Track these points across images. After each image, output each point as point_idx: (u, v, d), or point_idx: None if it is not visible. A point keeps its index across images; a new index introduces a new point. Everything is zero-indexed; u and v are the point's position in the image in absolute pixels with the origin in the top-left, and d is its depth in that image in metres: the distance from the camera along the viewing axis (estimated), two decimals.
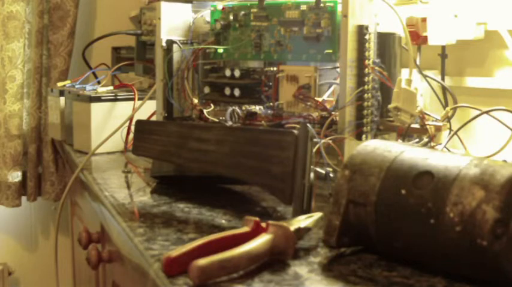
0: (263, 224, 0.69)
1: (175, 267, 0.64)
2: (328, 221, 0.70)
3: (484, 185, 0.60)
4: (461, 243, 0.59)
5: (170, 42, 1.19)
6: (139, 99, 1.36)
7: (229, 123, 1.12)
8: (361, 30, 0.99)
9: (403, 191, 0.64)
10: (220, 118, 1.15)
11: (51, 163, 2.07)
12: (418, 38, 1.17)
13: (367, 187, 0.67)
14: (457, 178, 0.61)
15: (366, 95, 1.00)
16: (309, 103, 1.06)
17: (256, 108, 1.16)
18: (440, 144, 1.06)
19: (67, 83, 1.66)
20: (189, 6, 1.24)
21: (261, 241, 0.66)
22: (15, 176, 2.07)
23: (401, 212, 0.64)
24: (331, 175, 0.98)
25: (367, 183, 0.67)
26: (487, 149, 1.04)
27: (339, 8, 1.02)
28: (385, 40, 1.11)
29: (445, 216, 0.60)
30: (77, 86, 1.56)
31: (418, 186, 0.64)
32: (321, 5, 1.05)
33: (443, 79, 1.24)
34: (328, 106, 1.07)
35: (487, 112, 1.04)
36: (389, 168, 0.67)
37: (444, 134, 1.07)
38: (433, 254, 0.62)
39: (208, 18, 1.21)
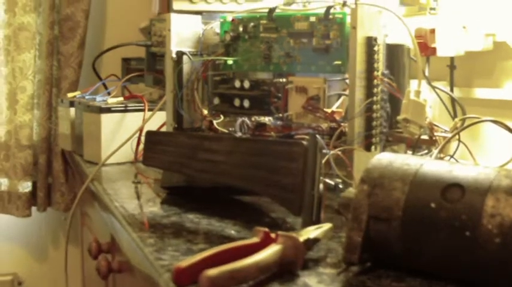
0: (272, 235, 0.69)
1: (185, 277, 0.64)
2: (348, 238, 0.68)
3: None
4: (502, 254, 0.59)
5: (180, 54, 1.19)
6: (149, 110, 1.36)
7: (239, 134, 1.13)
8: (370, 42, 1.00)
9: (433, 205, 0.63)
10: (230, 129, 1.16)
11: (61, 173, 2.08)
12: (426, 49, 1.17)
13: (390, 202, 0.66)
14: (490, 189, 0.61)
15: (374, 107, 1.00)
16: (318, 114, 1.07)
17: (266, 119, 1.16)
18: (450, 155, 1.06)
19: (77, 93, 1.67)
20: (198, 17, 1.24)
21: (270, 252, 0.66)
22: (26, 186, 2.08)
23: (432, 226, 0.63)
24: (340, 186, 0.98)
25: (390, 198, 0.67)
26: (496, 159, 1.04)
27: (348, 20, 1.02)
28: (394, 51, 1.11)
29: (482, 228, 0.60)
30: (87, 97, 1.57)
31: (448, 199, 0.63)
32: (330, 16, 1.05)
33: (452, 90, 1.24)
34: (337, 117, 1.07)
35: (492, 121, 1.04)
36: (413, 182, 0.66)
37: (453, 145, 1.08)
38: (470, 267, 0.62)
39: (217, 30, 1.22)
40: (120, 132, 1.36)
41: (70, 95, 1.68)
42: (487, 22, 1.21)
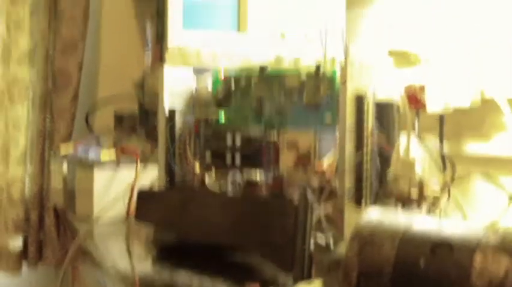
0: None
1: None
2: None
3: (510, 252, 0.60)
4: None
5: (172, 109, 1.20)
6: (141, 165, 1.37)
7: (230, 190, 1.13)
8: (360, 97, 1.01)
9: (422, 262, 0.64)
10: (221, 185, 1.16)
11: (53, 228, 2.07)
12: (416, 104, 1.18)
13: (380, 259, 0.67)
14: (478, 247, 0.62)
15: (364, 162, 1.01)
16: (308, 170, 1.07)
17: (257, 175, 1.16)
18: (440, 211, 1.07)
19: (70, 147, 1.67)
20: (191, 73, 1.26)
21: None
22: (17, 242, 2.06)
23: (421, 283, 0.63)
24: (331, 242, 0.98)
25: (380, 255, 0.67)
26: (486, 214, 1.04)
27: (338, 75, 1.04)
28: (384, 106, 1.12)
29: (471, 285, 0.60)
30: (79, 151, 1.57)
31: (437, 256, 0.64)
32: (320, 72, 1.07)
33: (441, 145, 1.24)
34: (327, 173, 1.08)
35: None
36: (403, 239, 0.67)
37: (443, 201, 1.08)
38: None
39: (210, 86, 1.23)
40: (113, 188, 1.36)
41: (63, 149, 1.68)
42: (475, 78, 1.22)
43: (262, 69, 1.13)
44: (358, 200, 1.01)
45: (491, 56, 1.22)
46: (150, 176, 1.31)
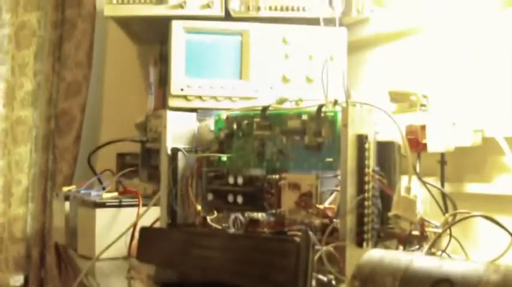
0: None
1: None
2: None
3: None
4: None
5: (175, 150, 1.21)
6: (143, 205, 1.37)
7: (232, 230, 1.13)
8: (361, 139, 1.01)
9: None
10: (223, 225, 1.16)
11: (54, 267, 2.07)
12: (417, 145, 1.19)
13: None
14: (479, 284, 0.62)
15: (366, 203, 1.01)
16: (310, 210, 1.08)
17: (259, 215, 1.17)
18: (441, 250, 1.07)
19: (72, 188, 1.68)
20: (193, 115, 1.27)
21: None
22: (17, 280, 2.06)
23: None
24: (333, 282, 0.98)
25: None
26: (487, 253, 1.04)
27: (339, 118, 1.04)
28: (385, 148, 1.13)
29: None
30: (82, 192, 1.58)
31: None
32: (322, 114, 1.08)
33: (442, 185, 1.25)
34: (329, 213, 1.08)
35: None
36: (403, 277, 0.67)
37: (445, 240, 1.08)
38: None
39: (212, 127, 1.24)
40: (115, 227, 1.36)
41: (65, 189, 1.69)
42: (475, 118, 1.24)
43: (264, 109, 1.14)
44: (359, 241, 1.01)
45: (492, 96, 1.23)
46: (152, 216, 1.31)
